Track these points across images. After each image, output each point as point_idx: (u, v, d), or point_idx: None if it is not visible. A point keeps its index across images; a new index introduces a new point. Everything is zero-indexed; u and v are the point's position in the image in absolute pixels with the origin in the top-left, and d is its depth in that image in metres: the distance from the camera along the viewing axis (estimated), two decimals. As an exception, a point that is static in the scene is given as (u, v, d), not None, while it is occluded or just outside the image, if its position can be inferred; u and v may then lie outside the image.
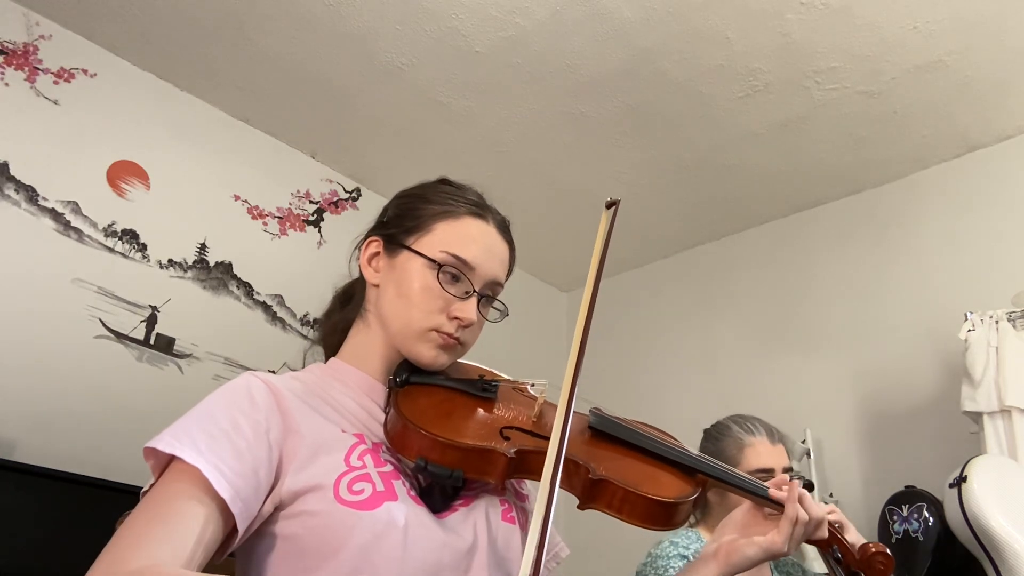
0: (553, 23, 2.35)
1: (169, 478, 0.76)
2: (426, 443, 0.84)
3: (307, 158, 3.04)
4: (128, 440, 2.31)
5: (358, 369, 0.96)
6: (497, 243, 0.99)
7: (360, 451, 0.84)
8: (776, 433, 1.65)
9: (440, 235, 0.95)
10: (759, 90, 2.56)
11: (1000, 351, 2.17)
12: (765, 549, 0.97)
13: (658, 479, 0.94)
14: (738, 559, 0.98)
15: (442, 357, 0.94)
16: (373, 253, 1.00)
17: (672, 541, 1.54)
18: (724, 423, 1.69)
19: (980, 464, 1.96)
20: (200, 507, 0.74)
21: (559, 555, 1.06)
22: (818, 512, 1.00)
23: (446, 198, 0.99)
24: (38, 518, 1.83)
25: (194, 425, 0.78)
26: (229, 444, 0.77)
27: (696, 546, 1.52)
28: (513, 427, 0.91)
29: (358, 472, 0.82)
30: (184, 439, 0.76)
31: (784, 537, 0.98)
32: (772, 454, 1.60)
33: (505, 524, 0.91)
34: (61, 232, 2.34)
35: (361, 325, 1.00)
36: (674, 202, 3.20)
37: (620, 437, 0.99)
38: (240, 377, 0.86)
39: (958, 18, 2.25)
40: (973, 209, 2.71)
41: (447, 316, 0.92)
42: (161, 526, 0.72)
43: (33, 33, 2.40)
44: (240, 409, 0.81)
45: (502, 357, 1.23)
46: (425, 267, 0.93)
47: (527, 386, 1.04)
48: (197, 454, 0.74)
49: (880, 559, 1.01)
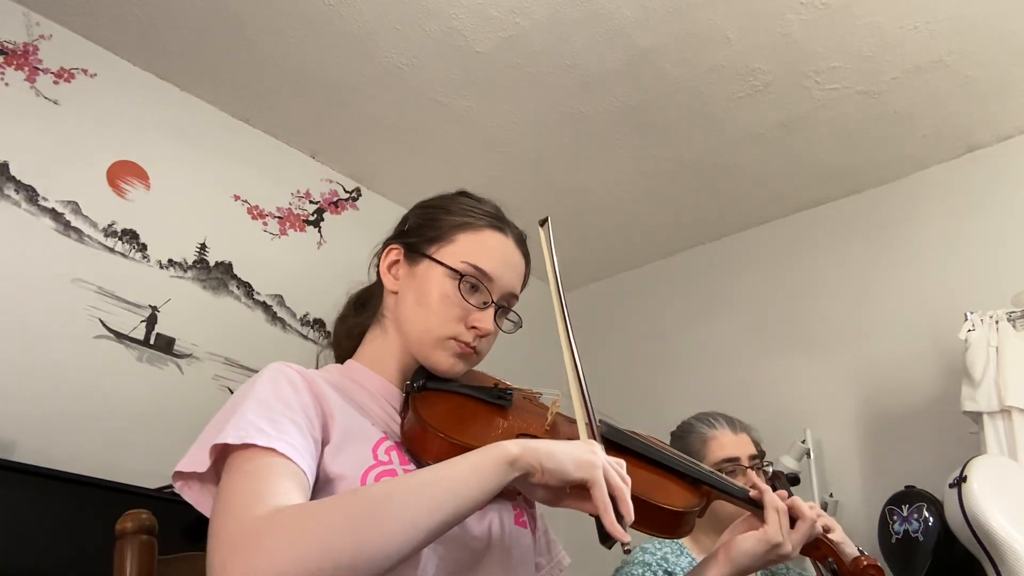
0: (553, 23, 2.35)
1: (241, 461, 0.74)
2: (444, 447, 0.85)
3: (307, 158, 3.04)
4: (128, 440, 2.32)
5: (375, 373, 0.98)
6: (515, 256, 1.02)
7: (387, 446, 0.86)
8: (738, 423, 1.70)
9: (461, 246, 0.98)
10: (759, 90, 2.56)
11: (1000, 351, 2.17)
12: (761, 539, 1.00)
13: (667, 489, 0.96)
14: (736, 553, 1.01)
15: (459, 365, 0.96)
16: (393, 261, 1.02)
17: (642, 547, 1.56)
18: (687, 422, 1.74)
19: (980, 464, 1.96)
20: (286, 474, 0.73)
21: (561, 563, 1.07)
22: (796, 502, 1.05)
23: (467, 210, 1.01)
24: (38, 518, 1.83)
25: (253, 415, 0.77)
26: (290, 422, 0.78)
27: (665, 550, 1.54)
28: (527, 435, 0.93)
29: (385, 467, 0.83)
30: (250, 429, 0.75)
31: (774, 526, 1.01)
32: (735, 443, 1.64)
33: (517, 528, 0.93)
34: (61, 232, 2.34)
35: (378, 331, 1.02)
36: (674, 202, 3.20)
37: (629, 447, 1.00)
38: (271, 368, 0.86)
39: (958, 18, 2.25)
40: (973, 209, 2.71)
41: (465, 325, 0.95)
42: (268, 482, 0.71)
43: (33, 33, 2.40)
44: (286, 393, 0.82)
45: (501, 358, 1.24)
46: (446, 276, 0.95)
47: (539, 396, 1.06)
48: (269, 438, 0.74)
49: (871, 572, 1.05)
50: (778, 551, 1.01)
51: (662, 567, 1.50)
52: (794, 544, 1.03)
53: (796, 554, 1.04)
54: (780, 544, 1.01)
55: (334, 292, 1.15)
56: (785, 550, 1.01)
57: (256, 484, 0.71)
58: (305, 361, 1.04)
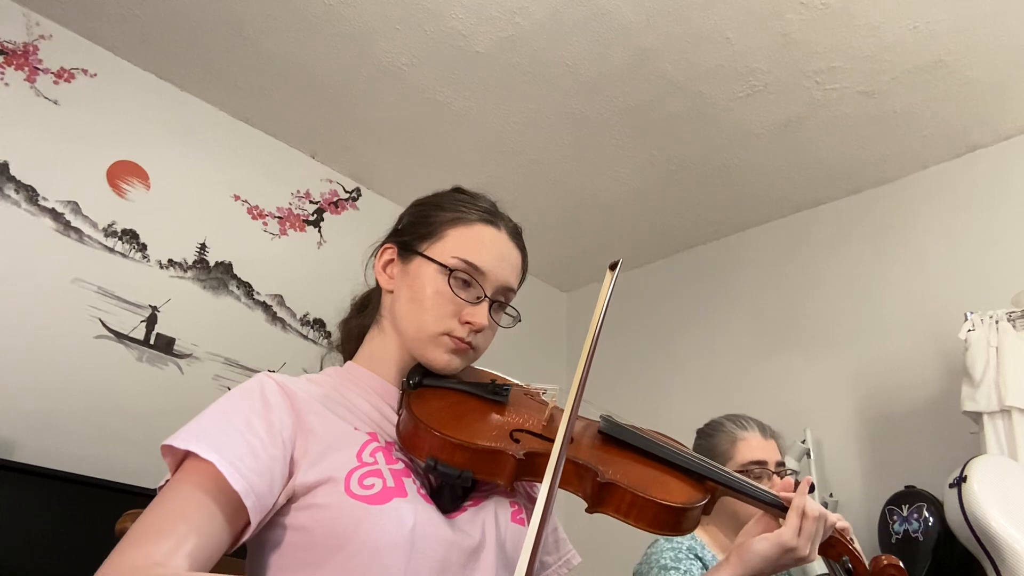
0: (553, 23, 2.35)
1: (183, 474, 0.78)
2: (437, 443, 0.85)
3: (307, 158, 3.04)
4: (128, 440, 2.32)
5: (373, 373, 0.98)
6: (509, 249, 1.01)
7: (372, 448, 0.86)
8: (768, 429, 1.70)
9: (452, 241, 0.97)
10: (759, 90, 2.56)
11: (1000, 351, 2.17)
12: (775, 543, 0.97)
13: (667, 484, 0.95)
14: (750, 556, 0.98)
15: (455, 361, 0.95)
16: (388, 260, 1.02)
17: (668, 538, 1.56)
18: (717, 420, 1.73)
19: (980, 464, 1.96)
20: (211, 501, 0.76)
21: (570, 562, 1.06)
22: (823, 509, 1.00)
23: (459, 205, 1.01)
24: (38, 518, 1.83)
25: (210, 424, 0.80)
26: (244, 442, 0.79)
27: (690, 542, 1.55)
28: (523, 430, 0.92)
29: (370, 468, 0.83)
30: (200, 436, 0.78)
31: (792, 529, 0.98)
32: (764, 447, 1.64)
33: (514, 525, 0.92)
34: (61, 232, 2.34)
35: (376, 331, 1.02)
36: (674, 202, 3.20)
37: (630, 443, 1.00)
38: (253, 378, 0.88)
39: (958, 18, 2.25)
40: (973, 209, 2.71)
41: (459, 321, 0.94)
42: (168, 521, 0.74)
43: (33, 33, 2.40)
44: (254, 410, 0.83)
45: (502, 357, 1.24)
46: (437, 272, 0.95)
47: (539, 392, 1.06)
48: (212, 450, 0.76)
49: (892, 572, 1.01)
50: (793, 555, 0.98)
51: (693, 551, 1.52)
52: (811, 548, 0.99)
53: (814, 558, 1.01)
54: (795, 548, 0.97)
55: (334, 292, 1.15)
56: (801, 554, 0.98)
57: (151, 523, 0.74)
58: (305, 360, 1.04)
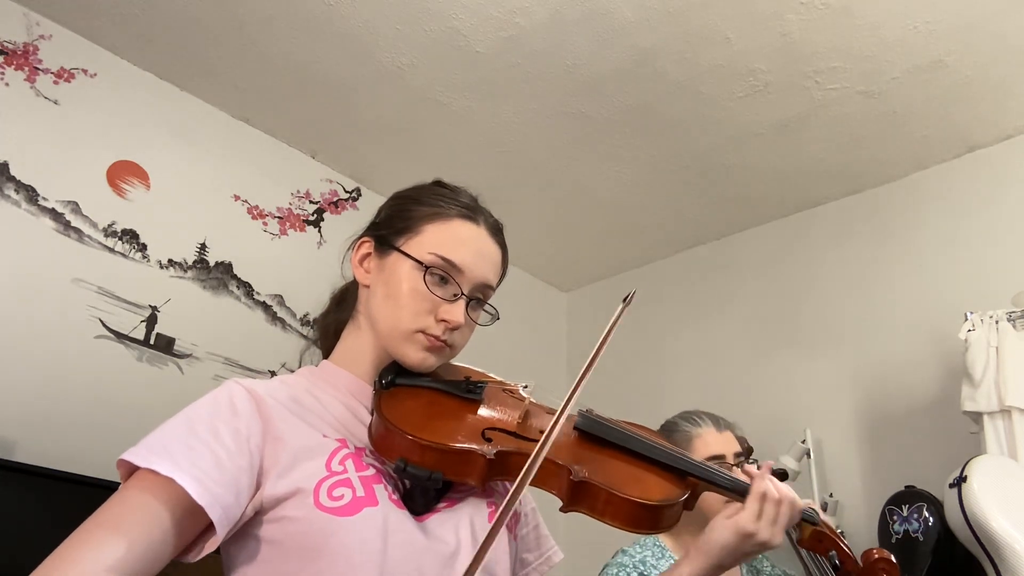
0: (553, 23, 2.35)
1: (134, 487, 0.76)
2: (406, 444, 0.83)
3: (307, 158, 3.04)
4: (128, 440, 2.30)
5: (347, 371, 0.96)
6: (488, 246, 0.98)
7: (342, 456, 0.84)
8: (722, 421, 1.70)
9: (429, 237, 0.95)
10: (759, 90, 2.56)
11: (1000, 351, 2.17)
12: (732, 529, 0.95)
13: (644, 481, 0.92)
14: (709, 547, 0.96)
15: (430, 359, 0.93)
16: (364, 254, 1.00)
17: (623, 550, 1.55)
18: (671, 420, 1.74)
19: (980, 464, 1.96)
20: (165, 514, 0.74)
21: (551, 559, 1.04)
22: (787, 490, 0.98)
23: (437, 200, 0.98)
24: (38, 518, 1.83)
25: (171, 436, 0.78)
26: (209, 453, 0.77)
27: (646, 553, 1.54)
28: (496, 428, 0.91)
29: (339, 477, 0.81)
30: (160, 451, 0.76)
31: (751, 514, 0.95)
32: (720, 441, 1.64)
33: (490, 527, 0.90)
34: (61, 232, 2.34)
35: (352, 327, 1.00)
36: (674, 202, 3.20)
37: (607, 439, 0.98)
38: (222, 386, 0.86)
39: (958, 18, 2.25)
40: (973, 209, 2.71)
41: (435, 318, 0.92)
42: (111, 532, 0.72)
43: (33, 33, 2.40)
44: (221, 418, 0.81)
45: (502, 357, 1.24)
46: (413, 269, 0.93)
47: (516, 388, 1.03)
48: (173, 466, 0.74)
49: (883, 565, 0.98)
50: (754, 540, 0.94)
51: (638, 570, 1.49)
52: (773, 533, 0.95)
53: (778, 542, 0.96)
54: (754, 533, 0.94)
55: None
56: (761, 538, 0.94)
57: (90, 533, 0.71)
58: (305, 361, 1.04)
